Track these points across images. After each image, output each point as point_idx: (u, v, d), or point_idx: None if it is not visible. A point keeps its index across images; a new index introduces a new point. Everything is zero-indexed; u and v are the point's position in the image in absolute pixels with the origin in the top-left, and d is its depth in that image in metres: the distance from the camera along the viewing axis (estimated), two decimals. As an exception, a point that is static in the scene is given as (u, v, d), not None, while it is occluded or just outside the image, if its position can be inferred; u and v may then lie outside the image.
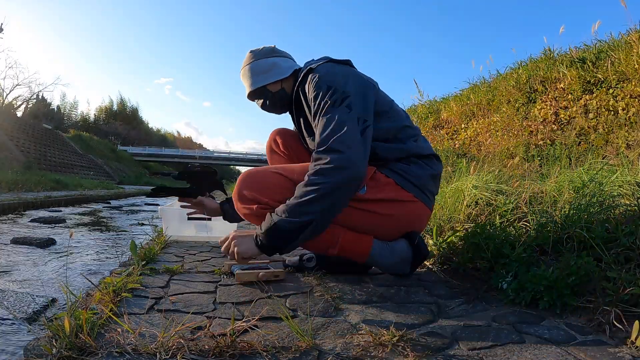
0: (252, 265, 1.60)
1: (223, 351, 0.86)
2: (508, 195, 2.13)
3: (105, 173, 26.18)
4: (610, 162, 2.64)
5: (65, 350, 0.83)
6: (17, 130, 20.41)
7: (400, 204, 1.45)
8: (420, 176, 1.47)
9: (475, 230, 1.59)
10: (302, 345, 0.91)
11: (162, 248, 2.12)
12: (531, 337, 0.98)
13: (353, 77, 1.45)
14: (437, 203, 2.24)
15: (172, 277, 1.54)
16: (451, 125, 6.16)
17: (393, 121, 1.50)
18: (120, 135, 54.47)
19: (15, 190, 7.94)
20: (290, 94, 1.59)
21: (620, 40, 4.07)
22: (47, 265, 2.13)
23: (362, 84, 1.45)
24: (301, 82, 1.51)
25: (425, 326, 1.07)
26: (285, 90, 1.59)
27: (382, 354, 0.88)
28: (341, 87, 1.38)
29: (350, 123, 1.32)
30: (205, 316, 1.11)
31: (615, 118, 3.39)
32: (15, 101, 31.79)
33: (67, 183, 11.27)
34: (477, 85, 6.61)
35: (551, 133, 3.97)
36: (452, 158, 4.51)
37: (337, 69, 1.46)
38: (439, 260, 1.76)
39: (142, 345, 0.86)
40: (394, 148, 1.48)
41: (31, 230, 3.47)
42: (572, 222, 1.47)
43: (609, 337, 0.97)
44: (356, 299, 1.31)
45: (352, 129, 1.31)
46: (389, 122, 1.48)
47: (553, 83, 4.48)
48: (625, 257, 1.21)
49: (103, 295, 1.17)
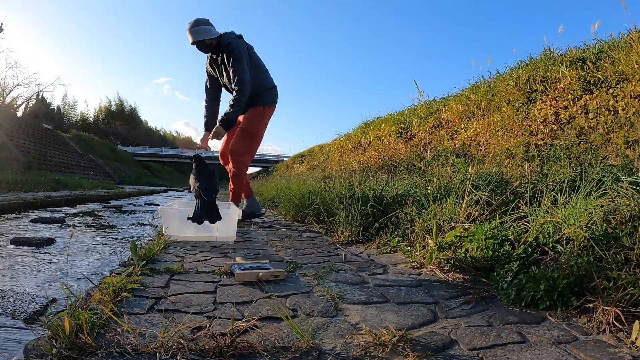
0: (252, 265, 1.60)
1: (223, 351, 0.86)
2: (508, 195, 2.13)
3: (105, 173, 26.17)
4: (610, 162, 2.64)
5: (65, 350, 0.83)
6: (17, 130, 20.40)
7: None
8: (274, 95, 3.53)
9: (475, 230, 1.59)
10: (302, 345, 0.91)
11: (162, 248, 2.12)
12: (531, 337, 0.98)
13: (243, 46, 3.26)
14: (437, 203, 2.24)
15: (172, 277, 1.54)
16: (451, 125, 6.16)
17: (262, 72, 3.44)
18: (120, 135, 54.46)
19: (15, 190, 7.94)
20: (215, 46, 3.25)
21: (620, 40, 4.07)
22: (47, 265, 2.13)
23: (245, 50, 3.25)
24: (227, 46, 3.20)
25: (425, 326, 1.07)
26: (212, 43, 3.25)
27: (382, 354, 0.88)
28: (240, 53, 3.18)
29: (245, 72, 3.19)
30: (205, 316, 1.11)
31: (615, 118, 3.38)
32: (15, 101, 31.78)
33: (67, 183, 11.26)
34: (477, 85, 6.61)
35: (551, 133, 3.97)
36: (452, 158, 4.51)
37: (240, 43, 3.24)
38: (439, 260, 1.76)
39: (142, 345, 0.86)
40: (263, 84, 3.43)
41: (31, 230, 3.47)
42: (572, 222, 1.47)
43: (609, 337, 0.97)
44: (356, 299, 1.31)
45: (245, 73, 3.20)
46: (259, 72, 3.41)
47: (553, 83, 4.48)
48: (625, 257, 1.21)
49: (103, 295, 1.17)
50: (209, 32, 3.15)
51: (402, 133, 7.56)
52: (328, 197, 3.17)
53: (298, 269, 1.73)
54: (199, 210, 2.34)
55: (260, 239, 2.68)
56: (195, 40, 3.14)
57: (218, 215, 2.36)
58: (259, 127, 3.45)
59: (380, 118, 9.97)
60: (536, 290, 1.19)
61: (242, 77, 3.19)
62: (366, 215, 2.60)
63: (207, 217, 2.34)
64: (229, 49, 3.19)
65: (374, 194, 2.88)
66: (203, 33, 3.14)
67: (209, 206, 2.37)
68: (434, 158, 4.75)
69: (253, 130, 3.41)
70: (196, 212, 2.34)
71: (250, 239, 2.67)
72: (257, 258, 1.94)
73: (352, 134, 10.89)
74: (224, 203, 3.17)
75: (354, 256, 2.10)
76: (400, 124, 7.90)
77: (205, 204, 2.37)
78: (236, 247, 2.33)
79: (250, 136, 3.40)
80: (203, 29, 3.13)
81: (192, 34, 3.13)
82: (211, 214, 2.35)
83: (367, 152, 8.45)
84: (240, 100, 3.18)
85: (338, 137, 12.36)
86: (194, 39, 3.14)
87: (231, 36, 3.25)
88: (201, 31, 3.13)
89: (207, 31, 3.15)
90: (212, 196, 2.44)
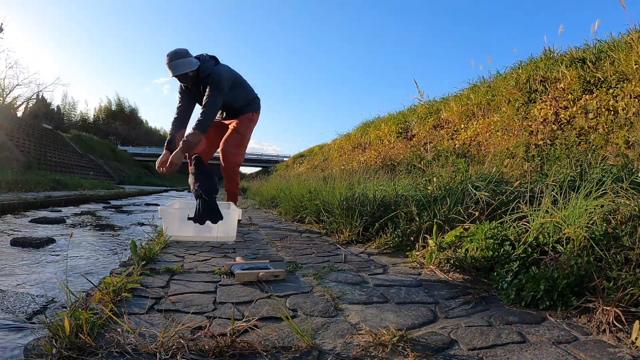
0: (252, 265, 1.60)
1: (223, 351, 0.86)
2: (508, 195, 2.13)
3: (105, 173, 26.15)
4: (610, 162, 2.64)
5: (65, 350, 0.83)
6: (17, 130, 20.39)
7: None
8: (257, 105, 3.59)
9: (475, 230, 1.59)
10: (302, 345, 0.91)
11: (162, 248, 2.12)
12: (531, 337, 0.98)
13: (225, 73, 3.18)
14: (437, 203, 2.24)
15: (172, 277, 1.54)
16: (451, 125, 6.16)
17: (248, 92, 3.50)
18: (120, 135, 54.42)
19: (15, 190, 7.94)
20: (194, 77, 3.15)
21: (620, 40, 4.07)
22: (47, 265, 2.13)
23: (226, 77, 3.17)
24: (206, 78, 3.12)
25: (425, 326, 1.07)
26: (193, 75, 3.13)
27: (382, 354, 0.88)
28: (220, 83, 3.11)
29: (219, 100, 3.14)
30: (205, 316, 1.11)
31: (615, 118, 3.38)
32: (15, 101, 31.76)
33: (67, 183, 11.26)
34: (477, 85, 6.61)
35: (551, 133, 3.97)
36: (452, 158, 4.51)
37: (220, 72, 3.15)
38: (439, 260, 1.76)
39: (142, 345, 0.86)
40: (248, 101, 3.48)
41: (31, 230, 3.47)
42: (572, 222, 1.47)
43: (609, 337, 0.97)
44: (356, 299, 1.31)
45: (219, 101, 3.15)
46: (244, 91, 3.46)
47: (553, 83, 4.49)
48: (625, 257, 1.21)
49: (103, 295, 1.17)
50: (190, 64, 3.03)
51: (402, 133, 7.57)
52: (328, 197, 3.17)
53: (298, 269, 1.73)
54: (201, 210, 2.34)
55: (260, 239, 2.68)
56: (176, 74, 3.03)
57: (220, 215, 2.36)
58: (248, 130, 3.54)
59: (380, 118, 9.99)
60: (536, 290, 1.19)
61: (214, 103, 3.09)
62: (366, 215, 2.60)
63: (209, 217, 2.34)
64: (209, 80, 3.10)
65: (374, 193, 2.88)
66: (184, 66, 3.01)
67: (211, 206, 2.37)
68: (434, 158, 4.75)
69: (244, 132, 3.48)
70: (198, 213, 2.34)
71: (250, 239, 2.67)
72: (257, 258, 1.94)
73: (352, 134, 10.89)
74: (224, 203, 3.17)
75: (354, 256, 2.10)
76: (400, 124, 7.90)
77: (206, 204, 2.37)
78: (236, 247, 2.33)
79: (241, 137, 3.47)
80: (183, 62, 3.01)
81: (172, 67, 3.01)
82: (213, 213, 2.35)
83: (367, 152, 8.45)
84: (204, 123, 3.04)
85: (338, 137, 12.38)
86: (175, 73, 3.03)
87: (209, 65, 3.13)
88: (181, 64, 3.01)
89: (188, 63, 3.02)
90: (213, 196, 2.44)
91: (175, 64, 3.00)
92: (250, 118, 3.52)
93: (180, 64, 3.00)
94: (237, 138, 3.43)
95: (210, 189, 2.46)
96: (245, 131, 3.49)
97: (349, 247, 2.37)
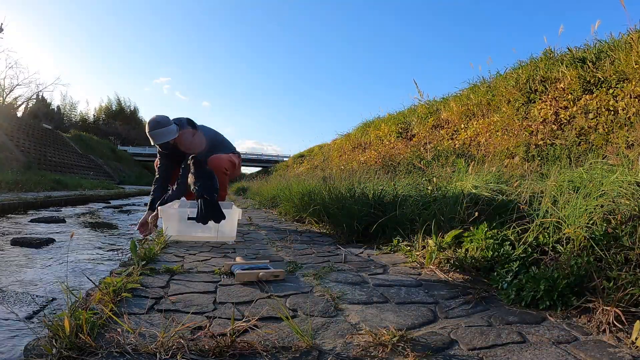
0: (252, 265, 1.60)
1: (223, 351, 0.86)
2: (508, 195, 2.13)
3: (105, 173, 26.15)
4: (610, 162, 2.64)
5: (65, 350, 0.83)
6: (17, 130, 20.38)
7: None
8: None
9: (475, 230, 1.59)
10: (302, 345, 0.91)
11: (162, 248, 2.12)
12: (531, 337, 0.98)
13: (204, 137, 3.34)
14: (437, 203, 2.24)
15: (172, 277, 1.54)
16: (451, 125, 6.16)
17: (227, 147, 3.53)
18: (120, 135, 54.39)
19: (15, 190, 7.94)
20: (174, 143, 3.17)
21: (620, 40, 4.07)
22: (47, 265, 2.13)
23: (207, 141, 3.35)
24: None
25: (425, 326, 1.07)
26: (173, 141, 3.14)
27: (382, 354, 0.88)
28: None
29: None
30: (205, 316, 1.11)
31: (615, 118, 3.38)
32: (15, 101, 31.75)
33: (67, 183, 11.26)
34: (477, 86, 6.61)
35: (551, 133, 3.97)
36: (452, 158, 4.51)
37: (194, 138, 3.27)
38: (439, 260, 1.76)
39: (142, 345, 0.86)
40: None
41: (31, 230, 3.47)
42: (572, 222, 1.47)
43: (609, 337, 0.97)
44: (356, 299, 1.31)
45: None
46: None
47: (553, 83, 4.48)
48: (625, 257, 1.21)
49: (103, 295, 1.17)
50: (172, 132, 3.08)
51: (402, 133, 7.56)
52: (328, 197, 3.17)
53: (298, 269, 1.73)
54: (203, 210, 2.33)
55: (260, 239, 2.68)
56: (158, 142, 3.09)
57: (222, 214, 2.36)
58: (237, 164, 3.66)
59: (380, 118, 9.98)
60: (536, 290, 1.19)
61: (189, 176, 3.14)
62: (366, 216, 2.60)
63: (211, 217, 2.33)
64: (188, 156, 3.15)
65: (374, 194, 2.88)
66: (167, 135, 3.06)
67: (213, 206, 2.37)
68: (434, 158, 4.74)
69: (234, 161, 3.56)
70: (200, 212, 2.33)
71: (250, 239, 2.67)
72: (257, 258, 1.94)
73: (352, 134, 10.89)
74: (225, 203, 3.17)
75: (354, 256, 2.10)
76: (400, 124, 7.90)
77: (208, 203, 2.36)
78: (236, 247, 2.33)
79: (233, 163, 3.54)
80: (166, 131, 3.05)
81: (154, 136, 3.04)
82: (215, 213, 2.34)
83: (367, 152, 8.44)
84: (181, 190, 3.18)
85: (338, 137, 12.37)
86: (156, 142, 3.08)
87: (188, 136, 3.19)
88: (164, 133, 3.05)
89: (171, 132, 3.07)
90: (214, 195, 2.43)
91: (155, 134, 3.04)
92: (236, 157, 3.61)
93: (160, 134, 3.04)
94: (230, 160, 3.48)
95: (212, 188, 2.45)
96: (235, 161, 3.56)
97: (349, 247, 2.37)
